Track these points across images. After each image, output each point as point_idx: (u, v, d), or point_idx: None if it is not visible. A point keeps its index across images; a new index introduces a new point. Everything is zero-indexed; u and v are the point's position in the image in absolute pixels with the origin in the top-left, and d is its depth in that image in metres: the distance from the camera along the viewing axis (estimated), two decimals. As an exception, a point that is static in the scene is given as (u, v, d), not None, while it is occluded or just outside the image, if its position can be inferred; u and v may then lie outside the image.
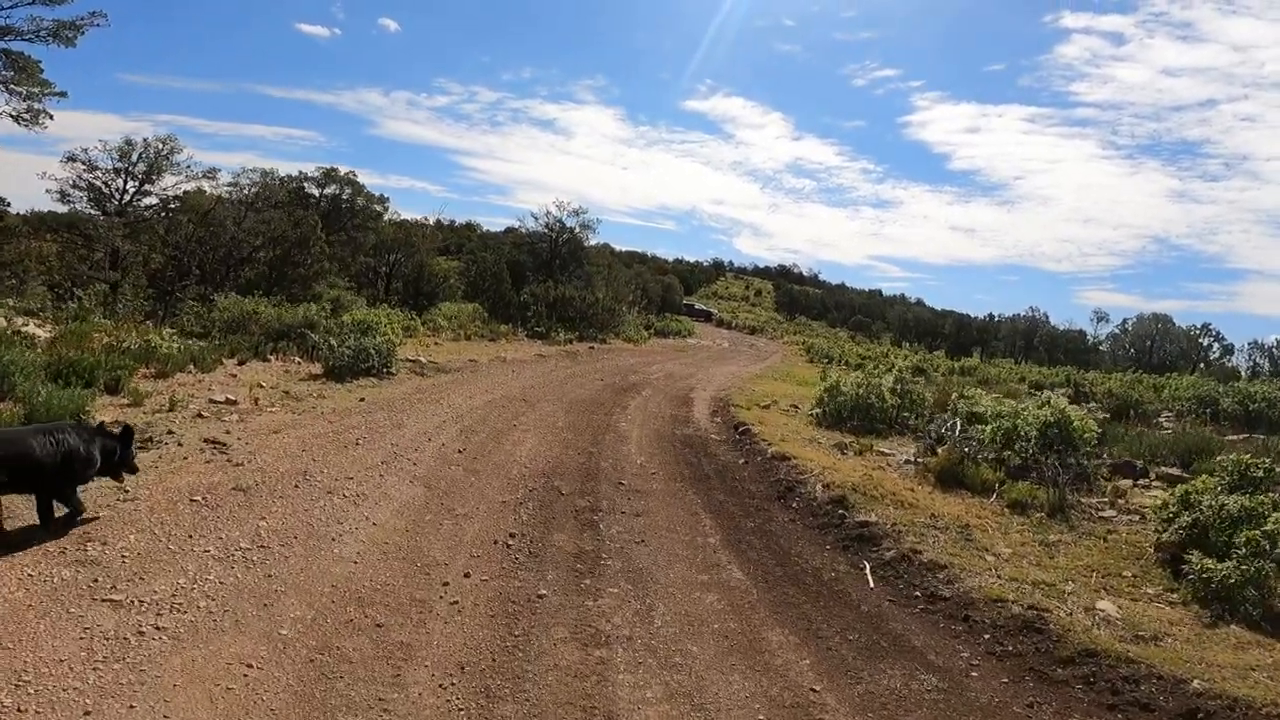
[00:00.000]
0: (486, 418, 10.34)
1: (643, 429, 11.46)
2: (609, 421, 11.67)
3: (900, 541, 6.81)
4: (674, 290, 64.93)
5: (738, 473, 9.37)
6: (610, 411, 12.66)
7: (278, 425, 7.99)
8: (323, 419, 8.59)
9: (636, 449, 9.94)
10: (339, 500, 6.00)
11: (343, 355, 11.48)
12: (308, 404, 9.24)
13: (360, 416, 9.02)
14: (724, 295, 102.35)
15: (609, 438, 10.41)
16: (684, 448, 10.53)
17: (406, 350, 16.64)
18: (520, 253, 44.55)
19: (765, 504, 8.07)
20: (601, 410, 12.66)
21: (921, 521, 7.30)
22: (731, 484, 8.78)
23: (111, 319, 16.73)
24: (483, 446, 8.65)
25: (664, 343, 39.29)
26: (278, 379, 10.61)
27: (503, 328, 26.65)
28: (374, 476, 6.77)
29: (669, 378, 19.75)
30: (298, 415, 8.59)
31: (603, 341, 30.42)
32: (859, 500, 7.83)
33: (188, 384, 9.26)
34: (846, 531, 7.18)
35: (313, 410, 8.93)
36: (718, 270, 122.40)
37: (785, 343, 51.83)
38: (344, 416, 8.92)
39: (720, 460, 9.99)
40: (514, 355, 19.18)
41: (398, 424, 8.98)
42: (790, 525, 7.39)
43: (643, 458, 9.48)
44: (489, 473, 7.61)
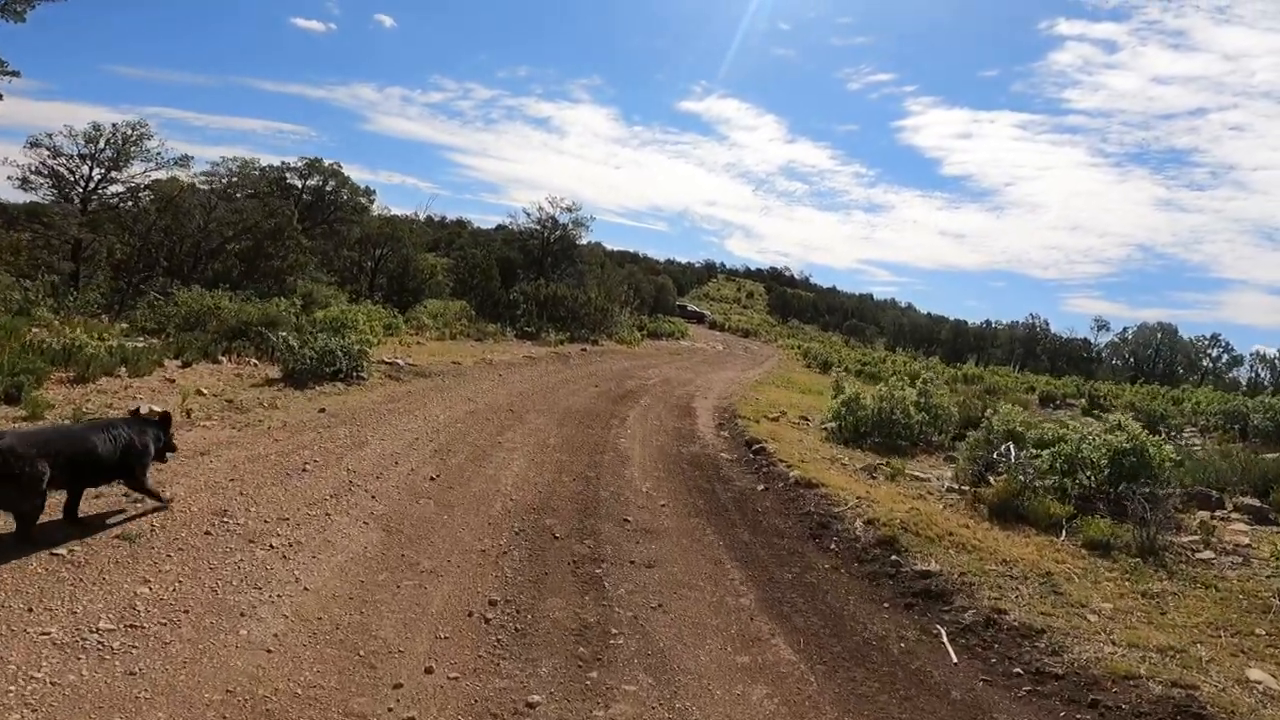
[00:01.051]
0: (467, 433, 8.95)
1: (645, 446, 10.12)
2: (607, 437, 10.31)
3: (975, 597, 5.53)
4: (667, 291, 63.59)
5: (758, 502, 8.05)
6: (608, 425, 11.31)
7: (207, 444, 6.57)
8: (267, 436, 7.17)
9: (640, 472, 8.60)
10: (262, 553, 4.61)
11: (304, 358, 10.06)
12: (253, 416, 7.81)
13: (315, 433, 7.61)
14: (716, 297, 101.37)
15: (608, 458, 9.06)
16: (693, 470, 9.20)
17: (384, 351, 15.21)
18: (511, 250, 43.12)
19: (799, 545, 6.76)
20: (598, 423, 11.31)
21: (993, 569, 6.03)
22: (754, 518, 7.46)
23: (59, 313, 15.21)
24: (461, 471, 7.28)
25: (658, 345, 37.98)
26: (225, 385, 9.17)
27: (490, 327, 25.22)
28: (318, 516, 5.38)
29: (667, 384, 18.44)
30: (237, 431, 7.17)
31: (595, 343, 29.05)
32: (911, 542, 6.54)
33: (110, 391, 7.81)
34: (905, 583, 5.89)
35: (258, 425, 7.51)
36: (710, 272, 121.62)
37: (780, 346, 50.67)
38: (295, 433, 7.49)
39: (736, 486, 8.67)
40: (502, 357, 17.77)
41: (360, 442, 7.58)
42: (835, 575, 6.07)
43: (648, 484, 8.14)
44: (466, 507, 6.24)
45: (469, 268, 35.58)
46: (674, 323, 51.14)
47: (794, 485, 8.61)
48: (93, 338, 12.59)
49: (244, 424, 7.44)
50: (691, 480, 8.65)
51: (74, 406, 6.77)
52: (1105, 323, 55.48)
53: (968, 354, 49.92)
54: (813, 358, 36.16)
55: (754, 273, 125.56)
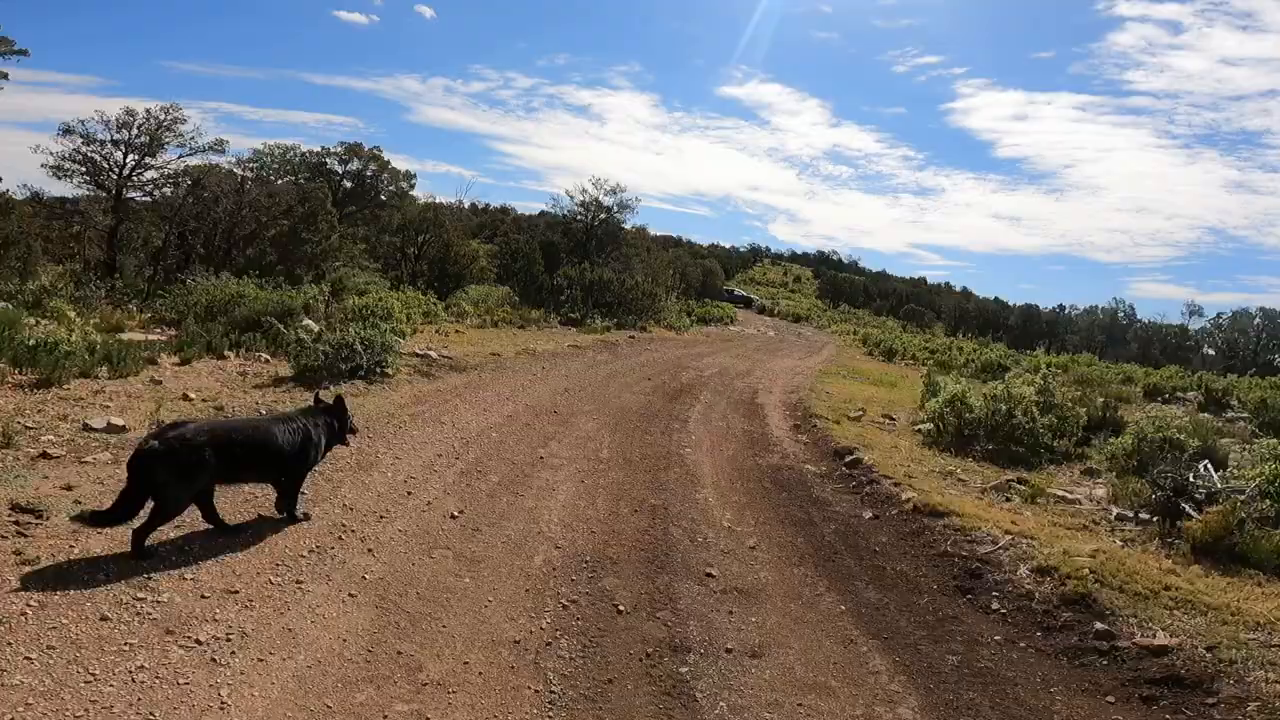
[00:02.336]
0: (503, 445, 7.38)
1: (715, 458, 8.42)
2: (669, 446, 8.64)
3: (1246, 681, 3.73)
4: (715, 275, 61.41)
5: (872, 538, 6.27)
6: (668, 428, 9.63)
7: None
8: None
9: (716, 496, 6.90)
10: (180, 653, 3.07)
11: (317, 353, 8.63)
12: None
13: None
14: (762, 281, 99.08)
15: (674, 476, 7.39)
16: (778, 490, 7.46)
17: (418, 341, 13.84)
18: (554, 234, 41.73)
19: (947, 606, 4.98)
20: (656, 426, 9.64)
21: (1248, 638, 4.19)
22: (874, 563, 5.69)
23: (78, 304, 14.27)
24: (492, 504, 5.70)
25: (707, 330, 36.14)
26: (222, 386, 7.80)
27: (534, 314, 23.80)
28: (284, 585, 3.84)
29: (724, 375, 16.66)
30: None
31: (642, 329, 27.38)
32: (1113, 599, 4.73)
33: (74, 398, 6.47)
34: (1129, 666, 4.12)
35: None
36: (755, 256, 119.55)
37: (833, 332, 48.25)
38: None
39: (837, 513, 6.90)
40: (545, 347, 16.25)
41: (367, 463, 6.06)
42: (1016, 655, 4.29)
43: (728, 513, 6.44)
44: (496, 562, 4.64)
45: (511, 253, 34.28)
46: (722, 307, 49.23)
47: (912, 513, 6.80)
48: (97, 330, 11.51)
49: None
50: (780, 506, 6.91)
51: (7, 422, 5.40)
52: (1199, 308, 50.95)
53: (1038, 341, 46.44)
54: (873, 344, 33.76)
55: (800, 256, 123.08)
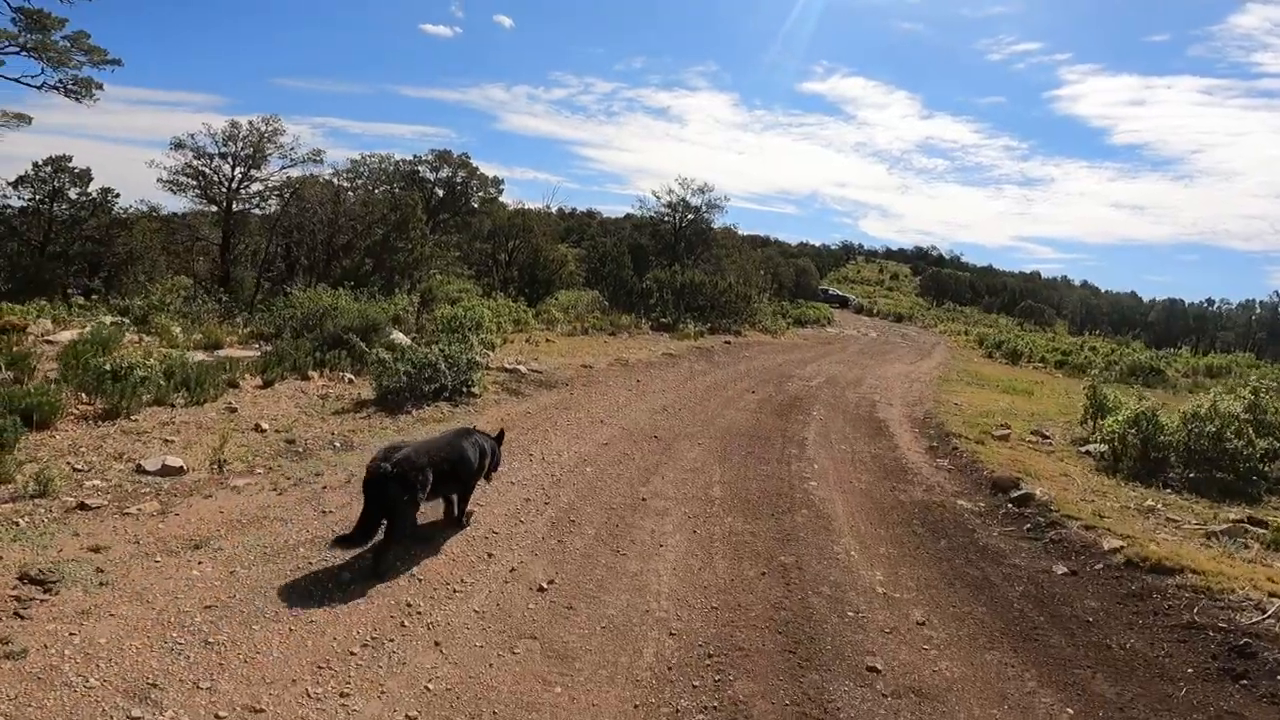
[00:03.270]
0: (599, 483, 6.37)
1: (847, 493, 7.09)
2: (789, 479, 7.38)
3: None
4: (808, 274, 58.89)
5: (1076, 602, 4.83)
6: (784, 454, 8.37)
7: (212, 527, 4.39)
8: (313, 506, 4.92)
9: (858, 547, 5.61)
10: None
11: (398, 373, 7.94)
12: (311, 466, 5.67)
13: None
14: (856, 279, 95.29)
15: (802, 519, 6.14)
16: (935, 537, 6.06)
17: (507, 353, 13.19)
18: (642, 236, 40.96)
19: (1221, 700, 3.61)
20: (770, 452, 8.39)
21: None
22: (1092, 640, 4.28)
23: (184, 317, 14.53)
24: (588, 567, 4.67)
25: (804, 333, 34.30)
26: (300, 413, 7.21)
27: (624, 319, 22.93)
28: (322, 702, 2.90)
29: (834, 384, 15.12)
30: (277, 495, 5.03)
31: (737, 333, 26.00)
32: None
33: (139, 429, 5.98)
34: None
35: (310, 483, 5.33)
36: (847, 253, 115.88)
37: (942, 332, 44.93)
38: (357, 498, 5.22)
39: (1020, 569, 5.45)
40: (638, 356, 15.26)
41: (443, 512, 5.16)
42: None
43: (879, 572, 5.15)
44: (595, 660, 3.59)
45: (599, 256, 33.71)
46: (818, 308, 47.03)
47: (1125, 567, 5.29)
48: (197, 347, 11.45)
49: (293, 481, 5.28)
50: (942, 559, 5.53)
51: (59, 463, 4.85)
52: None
53: (1182, 339, 41.25)
54: (991, 346, 30.81)
55: (896, 253, 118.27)
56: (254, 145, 20.63)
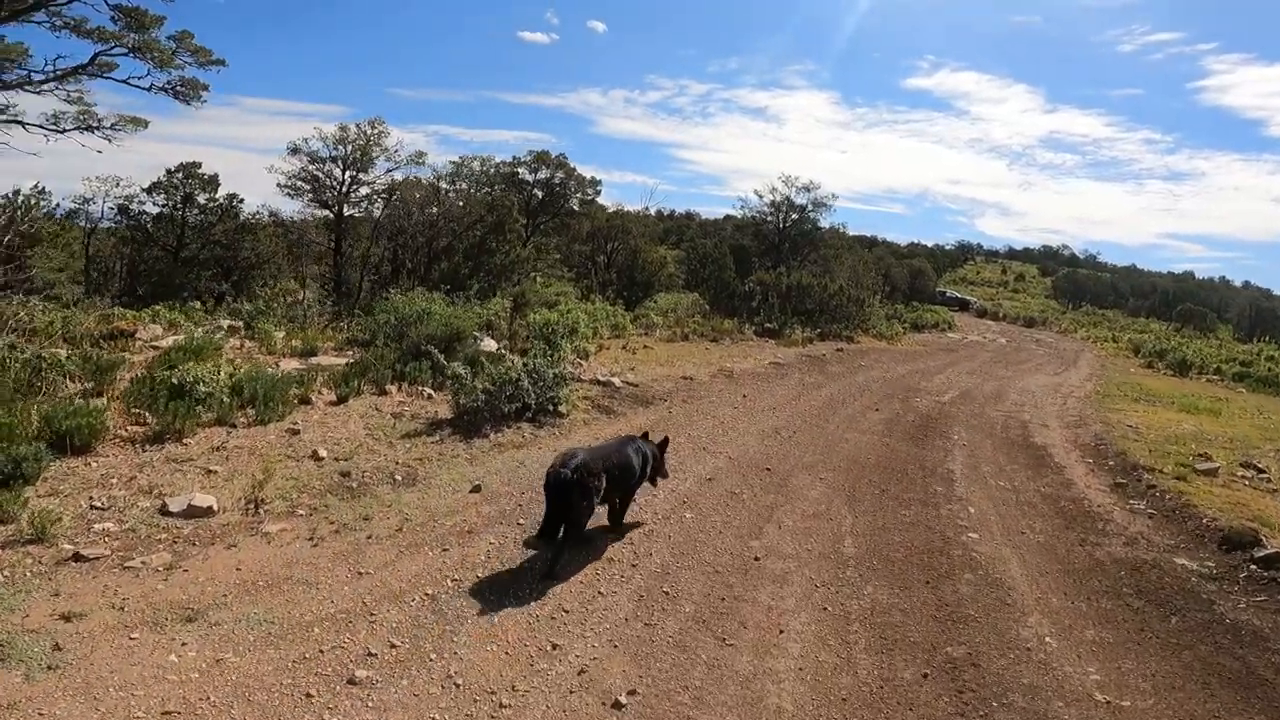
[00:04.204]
0: (699, 535, 5.17)
1: (1021, 548, 5.52)
2: (940, 526, 5.88)
3: None
4: (925, 276, 54.85)
5: None
6: (927, 491, 6.82)
7: (210, 596, 3.52)
8: (351, 563, 4.02)
9: (1052, 627, 4.13)
10: None
11: (474, 393, 7.04)
12: (363, 507, 4.81)
13: (437, 552, 4.33)
14: (976, 280, 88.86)
15: (968, 590, 4.68)
16: (1160, 613, 4.43)
17: (603, 361, 12.24)
18: (744, 237, 39.33)
19: None
20: (910, 490, 6.87)
21: None
22: None
23: (290, 322, 14.58)
24: (683, 665, 3.50)
25: (923, 339, 31.57)
26: (368, 434, 6.46)
27: (726, 323, 21.53)
28: None
29: (970, 399, 13.14)
30: (312, 547, 4.20)
31: (849, 339, 23.98)
32: None
33: (185, 456, 5.36)
34: None
35: (357, 529, 4.48)
36: (965, 253, 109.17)
37: (1083, 338, 40.30)
38: (406, 553, 4.29)
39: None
40: (743, 365, 13.89)
41: (505, 571, 4.11)
42: None
43: (1092, 669, 3.71)
44: None
45: (699, 258, 32.44)
46: (936, 311, 43.55)
47: None
48: (294, 354, 11.20)
49: (335, 527, 4.43)
50: (1179, 645, 3.97)
51: (73, 501, 4.19)
52: None
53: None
54: (1151, 354, 26.93)
55: (1019, 252, 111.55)
56: (361, 149, 20.87)
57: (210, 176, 22.44)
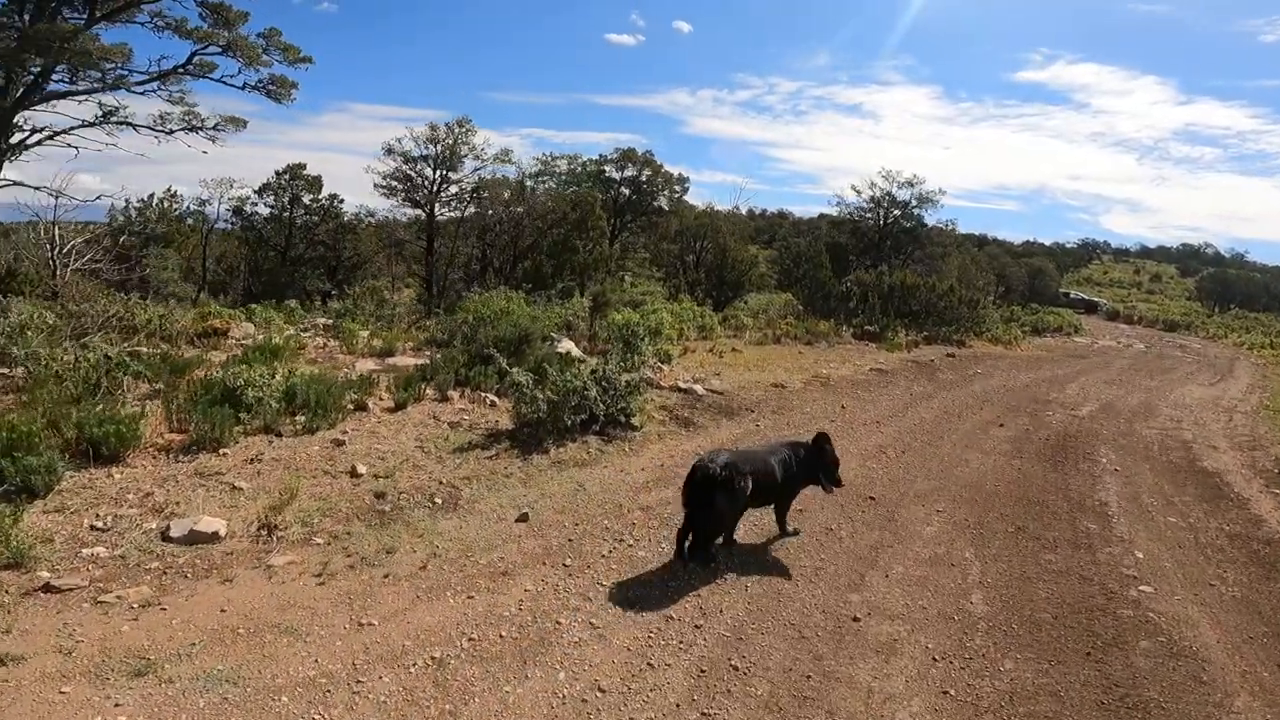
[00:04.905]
0: (781, 589, 4.19)
1: (1211, 606, 4.27)
2: (1099, 576, 4.66)
3: None
4: (1045, 276, 50.35)
5: None
6: (1077, 531, 5.52)
7: (177, 643, 2.90)
8: (344, 610, 3.31)
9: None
10: None
11: (535, 403, 6.31)
12: (390, 536, 4.17)
13: (463, 599, 3.60)
14: (1102, 281, 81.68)
15: (1144, 663, 3.61)
16: None
17: (686, 365, 11.38)
18: (840, 234, 37.25)
19: None
20: (1054, 526, 5.59)
21: None
22: None
23: (377, 321, 14.59)
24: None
25: (1045, 343, 28.69)
26: (419, 447, 5.88)
27: (822, 325, 20.07)
28: None
29: (1113, 414, 11.32)
30: (318, 586, 3.60)
31: (960, 343, 21.86)
32: None
33: (214, 469, 4.91)
34: None
35: (378, 564, 3.84)
36: (1089, 252, 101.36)
37: (1234, 343, 35.52)
38: (424, 601, 3.56)
39: None
40: (840, 371, 12.61)
41: (535, 642, 3.31)
42: None
43: None
44: None
45: (793, 257, 30.87)
46: (1060, 314, 39.78)
47: None
48: (371, 354, 11.05)
49: (351, 561, 3.82)
50: None
51: (74, 522, 3.74)
52: None
53: None
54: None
55: (1153, 251, 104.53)
56: (449, 148, 20.94)
57: (314, 178, 23.29)
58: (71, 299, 11.63)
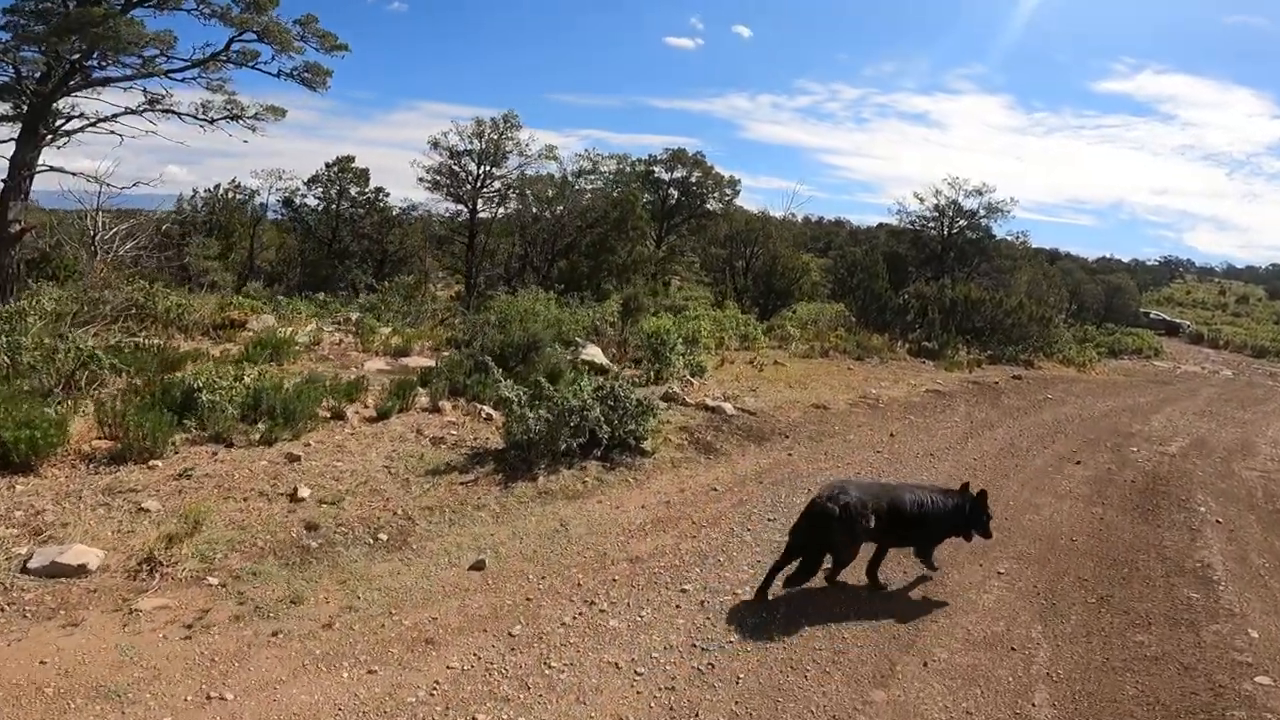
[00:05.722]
0: (783, 683, 3.33)
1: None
2: (1205, 667, 3.76)
3: None
4: (1125, 294, 47.18)
5: None
6: (1175, 606, 4.49)
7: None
8: (198, 677, 2.59)
9: None
10: None
11: (525, 422, 5.50)
12: (302, 583, 3.46)
13: (354, 676, 2.79)
14: (1184, 302, 76.77)
15: None
16: None
17: (722, 378, 10.51)
18: (900, 244, 35.51)
19: None
20: (1146, 597, 4.57)
21: None
22: None
23: (403, 317, 14.14)
24: None
25: (1122, 366, 26.61)
26: (388, 465, 5.19)
27: (875, 340, 18.75)
28: None
29: (1206, 451, 9.93)
30: (185, 640, 2.88)
31: (1029, 364, 20.19)
32: None
33: (132, 486, 4.32)
34: None
35: (247, 629, 3.05)
36: (1169, 271, 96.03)
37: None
38: (309, 672, 2.79)
39: None
40: (892, 392, 11.46)
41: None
42: None
43: None
44: None
45: (848, 266, 29.45)
46: (1139, 335, 37.16)
47: None
48: (385, 352, 10.55)
49: (238, 613, 3.15)
50: None
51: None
52: None
53: None
54: None
55: (1240, 271, 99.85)
56: (494, 143, 20.50)
57: (362, 170, 23.25)
58: (94, 285, 11.40)
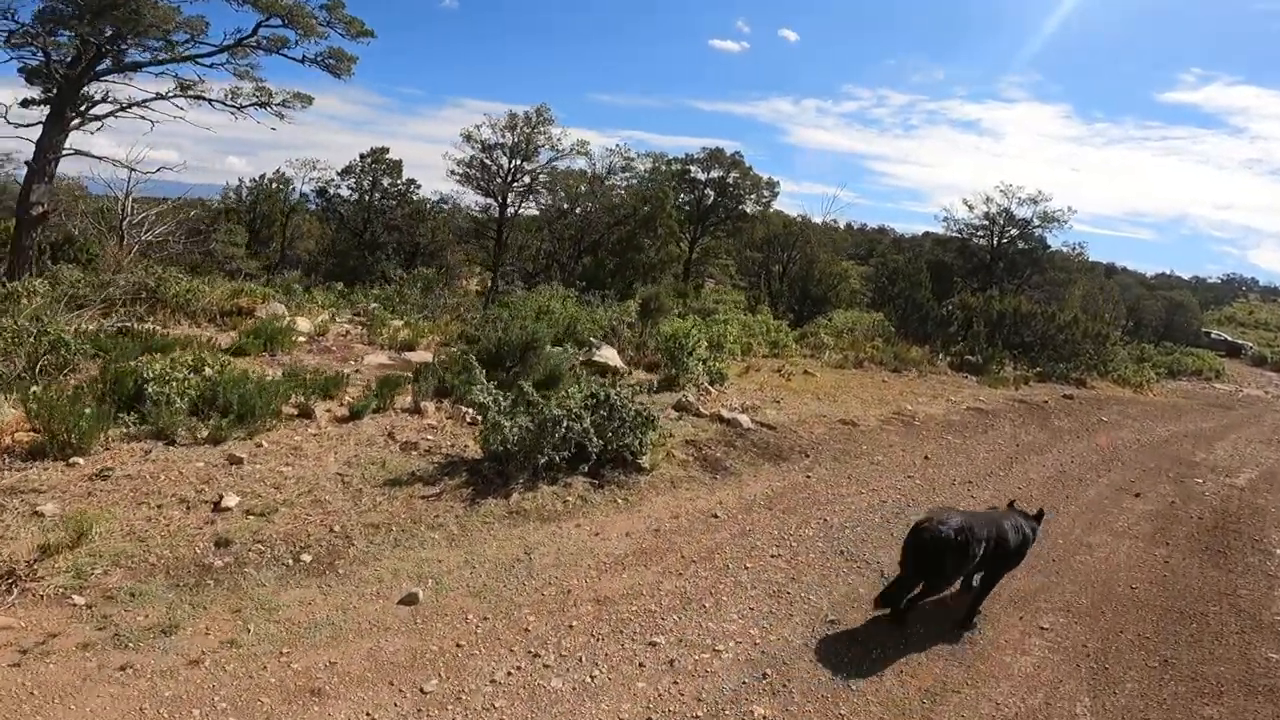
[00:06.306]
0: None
1: None
2: None
3: None
4: (1186, 311, 44.71)
5: None
6: (1252, 670, 3.80)
7: None
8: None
9: None
10: None
11: (501, 431, 4.92)
12: (189, 610, 2.99)
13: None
14: (1246, 322, 73.08)
15: None
16: None
17: (743, 386, 9.84)
18: (946, 253, 34.15)
19: None
20: (1222, 664, 3.88)
21: None
22: None
23: (419, 310, 13.79)
24: None
25: (1181, 388, 25.04)
26: (342, 473, 4.71)
27: (914, 351, 17.74)
28: None
29: (1277, 484, 8.86)
30: (12, 666, 2.34)
31: (1081, 383, 18.94)
32: None
33: (35, 486, 3.88)
34: None
35: (115, 652, 2.59)
36: (1232, 289, 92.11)
37: None
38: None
39: None
40: (930, 409, 10.60)
41: None
42: None
43: None
44: None
45: (889, 274, 28.36)
46: (1199, 355, 35.17)
47: None
48: (392, 346, 10.16)
49: (105, 635, 2.77)
50: None
51: None
52: None
53: None
54: None
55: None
56: (526, 136, 20.12)
57: (395, 162, 23.17)
58: (106, 269, 11.24)
